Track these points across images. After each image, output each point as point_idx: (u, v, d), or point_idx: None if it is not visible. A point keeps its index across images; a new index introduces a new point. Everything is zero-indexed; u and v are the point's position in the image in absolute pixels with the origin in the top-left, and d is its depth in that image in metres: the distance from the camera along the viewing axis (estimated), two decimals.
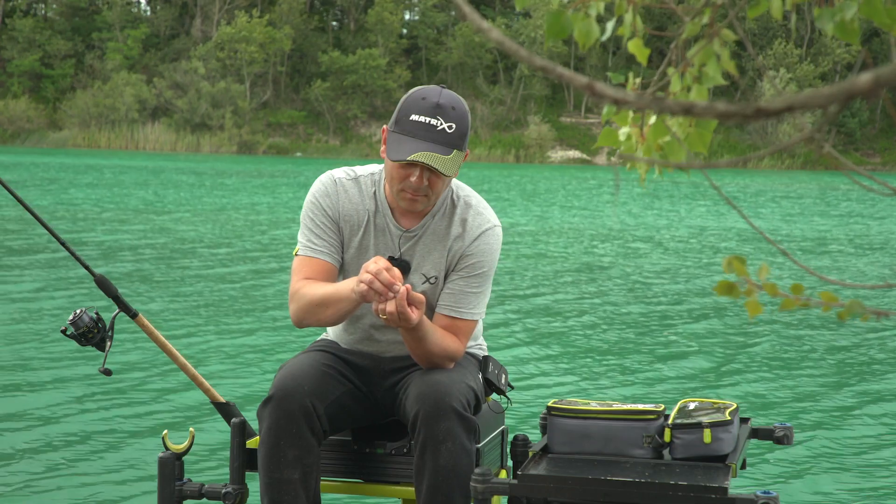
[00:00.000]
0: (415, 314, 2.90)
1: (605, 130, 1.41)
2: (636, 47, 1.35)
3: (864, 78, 0.99)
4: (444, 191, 3.10)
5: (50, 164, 36.14)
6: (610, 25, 1.32)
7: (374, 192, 3.16)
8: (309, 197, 3.18)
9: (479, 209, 3.18)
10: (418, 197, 3.04)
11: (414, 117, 2.98)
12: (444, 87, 3.07)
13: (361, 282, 2.90)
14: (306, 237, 3.15)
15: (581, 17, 1.28)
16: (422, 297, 2.94)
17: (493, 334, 8.71)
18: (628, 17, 1.30)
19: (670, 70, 1.31)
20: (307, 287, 3.07)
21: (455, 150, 2.99)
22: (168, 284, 11.13)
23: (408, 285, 2.92)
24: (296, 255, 3.18)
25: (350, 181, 3.17)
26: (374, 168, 3.21)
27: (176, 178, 31.49)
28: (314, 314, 3.06)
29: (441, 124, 2.98)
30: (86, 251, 13.55)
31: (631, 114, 1.36)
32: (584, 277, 12.65)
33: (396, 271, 2.91)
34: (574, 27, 1.28)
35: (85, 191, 24.57)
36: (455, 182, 3.20)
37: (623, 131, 1.39)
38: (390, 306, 2.88)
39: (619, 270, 13.39)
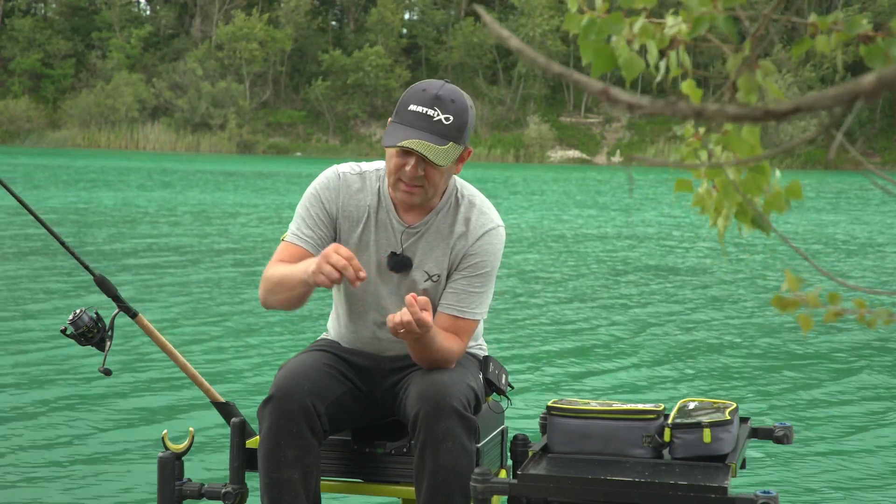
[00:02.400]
0: (426, 314, 2.90)
1: (678, 180, 1.42)
2: (690, 88, 1.36)
3: (868, 79, 0.99)
4: (442, 184, 3.09)
5: (75, 167, 36.08)
6: (662, 65, 1.33)
7: (379, 188, 3.15)
8: (310, 188, 3.17)
9: (483, 209, 3.17)
10: (414, 189, 3.03)
11: (412, 107, 3.00)
12: (447, 82, 3.07)
13: (328, 264, 2.84)
14: (297, 225, 3.14)
15: (624, 47, 1.29)
16: (427, 300, 2.94)
17: (493, 334, 8.71)
18: (674, 57, 1.31)
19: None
20: (273, 268, 3.07)
21: (451, 143, 2.99)
22: (168, 284, 11.13)
23: (413, 294, 2.90)
24: (282, 240, 3.17)
25: (354, 176, 3.17)
26: (381, 164, 3.20)
27: (195, 178, 31.49)
28: (274, 294, 3.06)
29: (438, 115, 2.98)
30: (91, 252, 13.55)
31: (703, 169, 1.37)
32: (583, 277, 12.65)
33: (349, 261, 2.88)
34: (620, 58, 1.29)
35: (138, 192, 24.58)
36: (459, 181, 3.20)
37: (703, 188, 1.40)
38: (406, 316, 2.86)
39: (619, 270, 13.39)
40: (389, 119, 3.06)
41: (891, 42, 1.21)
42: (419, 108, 2.99)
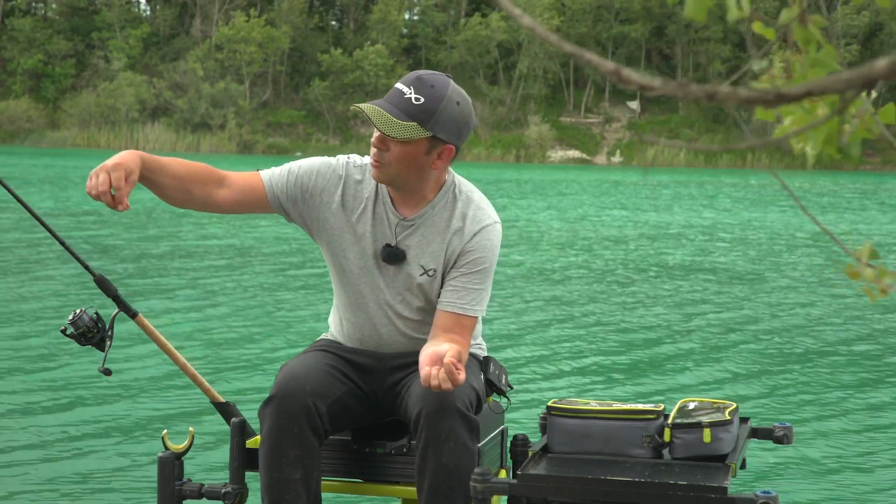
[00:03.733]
0: (461, 374, 2.83)
1: (759, 110, 1.42)
2: (760, 28, 1.37)
3: (882, 62, 0.99)
4: (406, 169, 3.02)
5: (74, 167, 36.10)
6: (733, 3, 1.33)
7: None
8: (316, 159, 3.21)
9: (480, 205, 3.17)
10: (377, 163, 3.04)
11: (397, 84, 3.04)
12: (448, 76, 3.05)
13: (97, 178, 2.94)
14: (280, 170, 3.19)
15: None
16: (458, 350, 2.88)
17: (493, 334, 8.71)
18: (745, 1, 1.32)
19: (789, 54, 1.33)
20: (198, 164, 3.24)
21: (414, 123, 2.96)
22: (168, 284, 11.13)
23: (451, 359, 2.82)
24: (258, 171, 3.21)
25: (357, 168, 3.19)
26: None
27: None
28: None
29: (410, 93, 2.98)
30: (92, 251, 13.56)
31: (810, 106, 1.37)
32: (584, 277, 12.65)
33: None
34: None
35: None
36: (458, 178, 3.20)
37: (787, 122, 1.40)
38: (446, 384, 2.81)
39: (619, 270, 13.39)
40: None
41: None
42: (398, 85, 3.02)
